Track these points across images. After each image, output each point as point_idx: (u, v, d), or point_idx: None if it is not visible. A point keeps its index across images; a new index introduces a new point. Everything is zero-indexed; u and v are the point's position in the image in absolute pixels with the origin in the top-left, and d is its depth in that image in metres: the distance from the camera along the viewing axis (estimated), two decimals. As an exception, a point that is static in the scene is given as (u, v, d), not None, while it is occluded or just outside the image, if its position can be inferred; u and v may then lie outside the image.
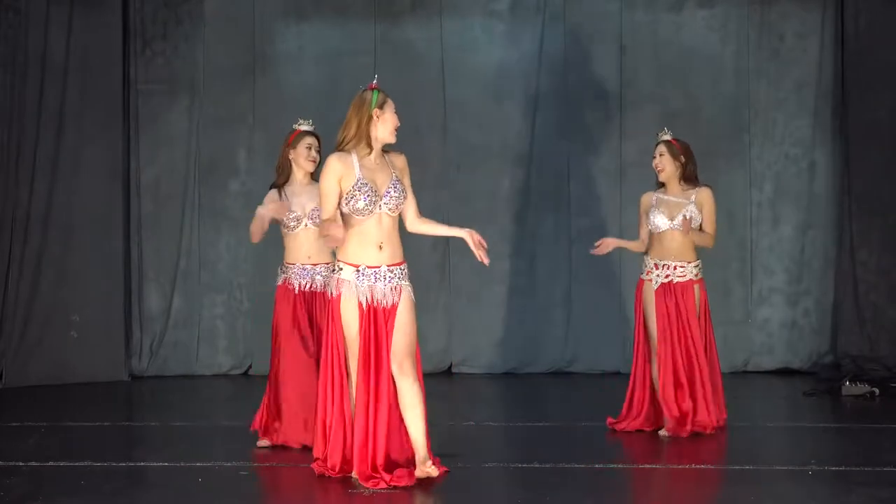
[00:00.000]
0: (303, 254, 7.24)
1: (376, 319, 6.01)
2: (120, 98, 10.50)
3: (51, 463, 6.68)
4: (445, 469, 6.11)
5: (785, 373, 10.39)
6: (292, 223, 7.20)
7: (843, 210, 10.30)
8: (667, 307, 7.52)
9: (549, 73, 10.56)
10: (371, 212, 6.01)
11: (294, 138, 7.33)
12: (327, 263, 7.20)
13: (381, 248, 6.03)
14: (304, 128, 7.38)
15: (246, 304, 10.65)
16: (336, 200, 6.04)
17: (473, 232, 6.18)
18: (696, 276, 7.59)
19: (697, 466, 6.61)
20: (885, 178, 10.12)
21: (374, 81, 6.22)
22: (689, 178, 7.61)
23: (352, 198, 5.98)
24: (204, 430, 7.77)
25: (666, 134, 7.67)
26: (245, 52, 10.66)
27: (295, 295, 7.19)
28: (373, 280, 6.01)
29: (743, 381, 10.14)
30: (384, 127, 6.11)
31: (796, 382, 9.86)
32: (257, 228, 7.18)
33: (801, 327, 10.48)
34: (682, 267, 7.55)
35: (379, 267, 6.02)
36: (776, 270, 10.51)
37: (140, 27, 10.62)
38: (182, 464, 6.70)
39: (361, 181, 5.99)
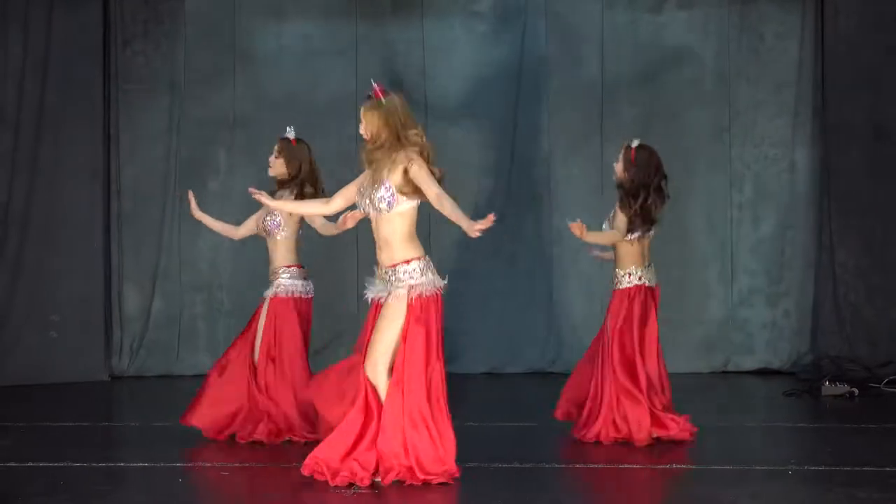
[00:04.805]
0: (270, 260, 7.56)
1: (370, 319, 6.21)
2: (100, 97, 10.46)
3: (30, 463, 6.65)
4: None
5: (765, 373, 10.42)
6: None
7: (822, 211, 10.33)
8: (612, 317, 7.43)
9: (531, 73, 10.57)
10: (365, 212, 6.11)
11: None
12: (276, 270, 7.48)
13: (380, 249, 6.11)
14: (283, 136, 7.55)
15: (226, 304, 10.63)
16: (348, 191, 6.24)
17: (473, 226, 5.85)
18: (617, 284, 7.39)
19: (677, 466, 6.63)
20: (864, 179, 10.16)
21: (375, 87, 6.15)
22: (628, 191, 7.29)
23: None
24: (184, 430, 7.74)
25: (634, 141, 7.37)
26: (226, 51, 10.63)
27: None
28: (378, 282, 6.16)
29: (723, 381, 10.17)
30: None
31: (776, 383, 9.89)
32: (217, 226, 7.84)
33: (781, 328, 10.51)
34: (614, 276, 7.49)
35: (383, 268, 6.13)
36: (756, 271, 10.53)
37: (120, 26, 10.58)
38: (162, 464, 6.68)
39: (362, 184, 6.14)
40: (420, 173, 5.98)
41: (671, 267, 9.62)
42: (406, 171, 5.99)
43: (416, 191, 6.01)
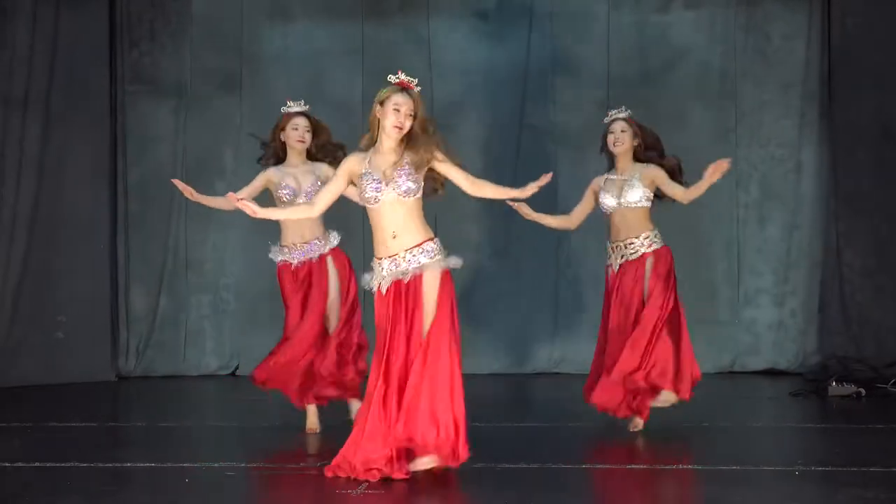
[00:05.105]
0: (297, 232, 7.54)
1: (397, 302, 6.10)
2: (107, 98, 10.49)
3: (37, 463, 6.66)
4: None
5: (771, 373, 10.41)
6: (287, 198, 7.52)
7: (829, 211, 10.32)
8: (620, 292, 7.49)
9: (536, 73, 10.57)
10: (378, 199, 6.08)
11: (284, 121, 7.67)
12: (317, 238, 7.55)
13: (394, 236, 6.11)
14: (293, 110, 7.70)
15: (233, 305, 10.64)
16: (333, 189, 6.28)
17: (525, 190, 6.34)
18: (649, 247, 7.52)
19: (684, 467, 6.62)
20: (871, 180, 10.15)
21: (396, 76, 6.31)
22: (641, 157, 7.55)
23: (362, 189, 6.13)
24: (191, 430, 7.75)
25: (622, 112, 7.63)
26: (232, 52, 10.65)
27: (292, 270, 7.55)
28: (394, 268, 6.11)
29: (729, 381, 10.16)
30: (386, 121, 6.18)
31: (783, 383, 9.88)
32: (217, 202, 7.70)
33: (787, 328, 10.50)
34: (631, 244, 7.51)
35: (397, 254, 6.11)
36: (763, 271, 10.52)
37: (127, 27, 10.61)
38: (169, 464, 6.68)
39: (367, 171, 6.12)
40: (446, 164, 6.23)
41: (677, 267, 9.58)
42: (430, 163, 6.17)
43: (425, 182, 6.19)
